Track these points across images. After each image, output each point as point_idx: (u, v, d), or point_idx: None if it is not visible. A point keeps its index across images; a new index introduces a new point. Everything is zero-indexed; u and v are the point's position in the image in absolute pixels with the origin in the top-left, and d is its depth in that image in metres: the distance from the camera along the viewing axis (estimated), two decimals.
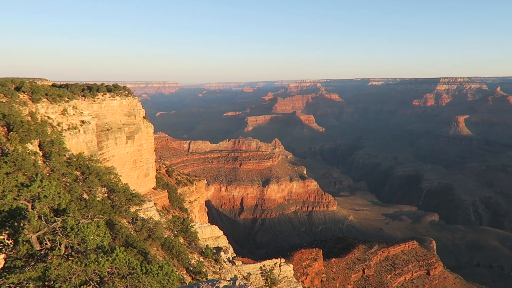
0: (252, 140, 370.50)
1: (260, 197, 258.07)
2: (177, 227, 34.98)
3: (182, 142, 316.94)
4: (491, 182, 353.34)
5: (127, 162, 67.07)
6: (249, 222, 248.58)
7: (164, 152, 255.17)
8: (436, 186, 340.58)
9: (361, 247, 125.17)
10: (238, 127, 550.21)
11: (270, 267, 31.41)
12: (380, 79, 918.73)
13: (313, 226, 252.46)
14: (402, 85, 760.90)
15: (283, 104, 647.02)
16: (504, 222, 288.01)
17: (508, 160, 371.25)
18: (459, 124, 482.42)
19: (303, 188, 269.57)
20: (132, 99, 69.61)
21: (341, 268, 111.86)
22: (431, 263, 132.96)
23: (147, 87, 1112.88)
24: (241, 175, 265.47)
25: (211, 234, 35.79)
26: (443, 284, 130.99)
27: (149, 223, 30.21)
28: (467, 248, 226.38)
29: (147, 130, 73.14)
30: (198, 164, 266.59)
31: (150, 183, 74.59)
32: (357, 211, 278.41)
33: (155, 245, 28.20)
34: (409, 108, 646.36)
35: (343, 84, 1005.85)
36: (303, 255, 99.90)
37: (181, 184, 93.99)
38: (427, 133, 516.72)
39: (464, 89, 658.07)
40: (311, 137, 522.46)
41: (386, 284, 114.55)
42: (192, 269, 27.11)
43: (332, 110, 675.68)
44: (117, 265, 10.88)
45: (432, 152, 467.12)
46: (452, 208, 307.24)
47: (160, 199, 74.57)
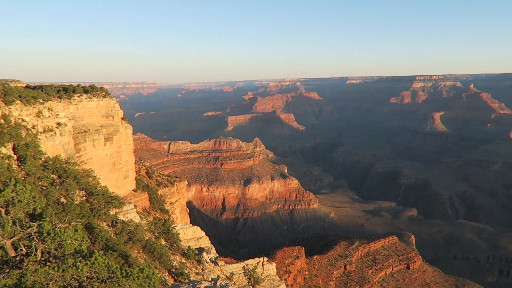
0: (233, 140, 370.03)
1: (241, 197, 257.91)
2: (158, 229, 34.54)
3: (162, 143, 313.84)
4: (466, 176, 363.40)
5: (105, 164, 65.87)
6: (231, 222, 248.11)
7: (143, 153, 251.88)
8: (414, 182, 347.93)
9: (343, 243, 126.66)
10: (219, 127, 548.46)
11: (253, 266, 31.39)
12: (358, 77, 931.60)
13: (295, 224, 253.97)
14: (379, 83, 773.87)
15: (263, 103, 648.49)
16: (479, 215, 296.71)
17: (482, 155, 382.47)
18: (435, 121, 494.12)
19: (285, 187, 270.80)
20: (109, 100, 68.41)
21: (323, 265, 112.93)
22: (410, 257, 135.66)
23: (125, 87, 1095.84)
24: (222, 175, 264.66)
25: (193, 235, 35.51)
26: (422, 278, 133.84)
27: (129, 225, 29.72)
28: (445, 241, 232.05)
29: (126, 131, 72.03)
30: (179, 165, 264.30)
31: (130, 185, 73.49)
32: (338, 208, 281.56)
33: (136, 248, 27.76)
34: (386, 105, 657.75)
35: (322, 83, 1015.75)
36: (285, 253, 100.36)
37: (161, 186, 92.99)
38: (405, 130, 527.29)
39: (439, 87, 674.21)
40: (292, 136, 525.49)
41: (368, 279, 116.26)
42: (174, 271, 26.82)
43: (311, 108, 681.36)
44: (96, 269, 10.64)
45: (410, 148, 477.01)
46: (430, 203, 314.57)
47: (140, 201, 73.60)
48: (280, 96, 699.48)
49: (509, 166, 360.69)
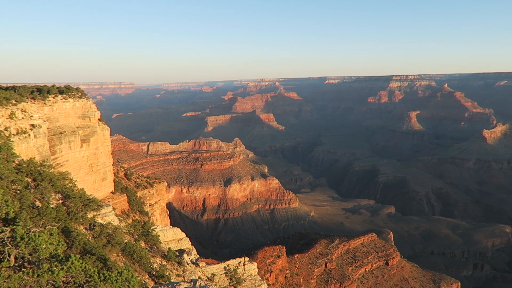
0: (213, 140, 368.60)
1: (222, 197, 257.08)
2: (137, 231, 34.02)
3: (140, 144, 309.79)
4: (442, 173, 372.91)
5: (82, 166, 64.49)
6: (212, 223, 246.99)
7: (122, 155, 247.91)
8: (392, 180, 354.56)
9: (323, 242, 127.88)
10: (198, 127, 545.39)
11: (234, 266, 31.30)
12: (337, 77, 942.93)
13: (275, 223, 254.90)
14: (357, 83, 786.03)
15: (243, 104, 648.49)
16: (454, 211, 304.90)
17: (456, 153, 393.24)
18: (411, 120, 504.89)
19: (265, 187, 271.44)
20: (86, 101, 66.99)
21: (304, 264, 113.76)
22: (389, 254, 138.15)
23: (101, 88, 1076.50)
24: (202, 176, 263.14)
25: (173, 237, 35.16)
26: (400, 273, 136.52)
27: (108, 228, 29.15)
28: (422, 237, 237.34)
29: (103, 132, 70.70)
30: (158, 166, 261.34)
31: (108, 187, 72.19)
32: (318, 207, 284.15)
33: (115, 251, 27.26)
34: (364, 105, 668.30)
35: (301, 83, 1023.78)
36: (266, 252, 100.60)
37: (140, 187, 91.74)
38: (382, 128, 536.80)
39: (415, 86, 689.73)
40: (272, 136, 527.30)
41: (348, 276, 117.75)
42: (155, 273, 26.47)
43: (291, 108, 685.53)
44: (73, 274, 10.36)
45: (387, 147, 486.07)
46: (407, 200, 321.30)
47: (119, 203, 72.40)
48: (260, 96, 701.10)
49: (482, 163, 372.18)
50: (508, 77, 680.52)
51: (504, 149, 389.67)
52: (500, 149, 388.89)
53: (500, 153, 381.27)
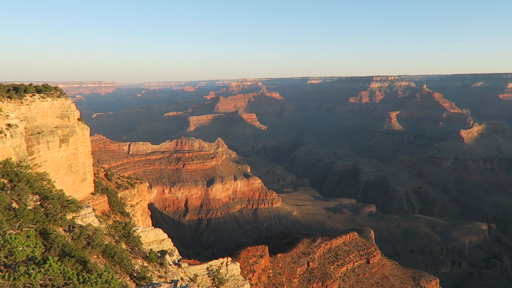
0: (195, 140, 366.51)
1: (205, 197, 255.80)
2: (118, 232, 33.46)
3: (121, 144, 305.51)
4: (421, 173, 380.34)
5: (61, 167, 63.13)
6: (194, 223, 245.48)
7: (102, 155, 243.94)
8: (373, 179, 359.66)
9: (305, 241, 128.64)
10: (180, 127, 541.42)
11: (217, 267, 31.15)
12: (319, 77, 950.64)
13: (258, 223, 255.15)
14: (339, 83, 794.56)
15: (225, 103, 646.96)
16: (433, 209, 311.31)
17: (435, 152, 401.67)
18: (392, 120, 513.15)
19: (248, 186, 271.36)
20: (65, 100, 65.59)
21: (287, 263, 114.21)
22: (370, 252, 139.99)
23: (81, 87, 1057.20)
24: (184, 176, 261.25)
25: (155, 238, 34.75)
26: (381, 271, 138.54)
27: (88, 230, 28.59)
28: (402, 235, 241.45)
29: (83, 132, 69.37)
30: (139, 167, 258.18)
31: (88, 188, 70.88)
32: (301, 207, 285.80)
33: (95, 253, 26.74)
34: (346, 105, 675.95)
35: (283, 83, 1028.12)
36: (249, 252, 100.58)
37: (121, 188, 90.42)
38: (363, 128, 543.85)
39: (395, 87, 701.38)
40: (254, 136, 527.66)
41: (330, 275, 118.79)
42: (136, 275, 26.08)
43: (273, 108, 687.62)
44: (51, 276, 10.09)
45: (368, 146, 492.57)
46: (388, 199, 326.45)
47: (99, 204, 71.18)
48: (242, 96, 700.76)
49: (460, 162, 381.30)
50: (484, 78, 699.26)
51: (480, 149, 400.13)
52: (477, 148, 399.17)
53: (476, 153, 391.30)
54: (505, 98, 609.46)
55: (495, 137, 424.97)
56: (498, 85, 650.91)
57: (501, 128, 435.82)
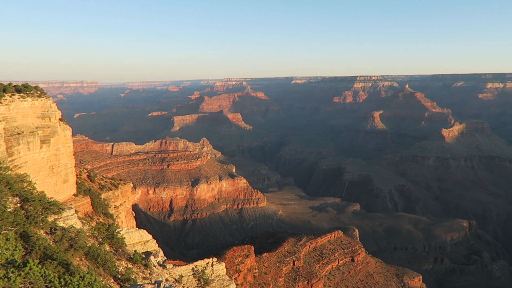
0: (180, 140, 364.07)
1: (190, 198, 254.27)
2: (102, 234, 32.95)
3: (104, 144, 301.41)
4: (404, 171, 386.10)
5: (42, 168, 61.83)
6: (179, 224, 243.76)
7: (85, 155, 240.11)
8: (357, 178, 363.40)
9: (291, 240, 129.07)
10: (165, 127, 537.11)
11: (202, 267, 30.95)
12: (303, 77, 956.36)
13: (244, 223, 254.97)
14: (323, 83, 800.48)
15: (210, 103, 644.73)
16: (415, 207, 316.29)
17: (417, 151, 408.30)
18: (375, 119, 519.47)
19: (233, 186, 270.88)
20: (45, 100, 64.25)
21: (273, 262, 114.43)
22: (355, 250, 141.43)
23: (62, 86, 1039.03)
24: (169, 176, 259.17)
25: (140, 239, 34.34)
26: (366, 269, 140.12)
27: (70, 232, 28.07)
28: (385, 233, 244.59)
29: (64, 133, 68.08)
30: (123, 167, 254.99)
31: (70, 190, 69.61)
32: (286, 206, 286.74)
33: (78, 255, 26.28)
34: (330, 105, 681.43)
35: (268, 83, 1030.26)
36: (235, 252, 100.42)
37: (105, 189, 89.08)
38: (347, 128, 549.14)
39: (378, 87, 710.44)
40: (239, 135, 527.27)
41: (315, 273, 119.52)
42: (120, 277, 25.71)
43: (258, 108, 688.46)
44: (31, 280, 9.84)
45: (352, 146, 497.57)
46: (371, 197, 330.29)
47: (82, 206, 70.00)
48: (227, 96, 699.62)
49: (441, 161, 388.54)
50: (465, 78, 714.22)
51: (461, 147, 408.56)
52: (458, 147, 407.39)
53: (457, 151, 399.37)
54: (484, 98, 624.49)
55: (475, 136, 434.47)
56: (478, 85, 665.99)
57: (480, 127, 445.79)
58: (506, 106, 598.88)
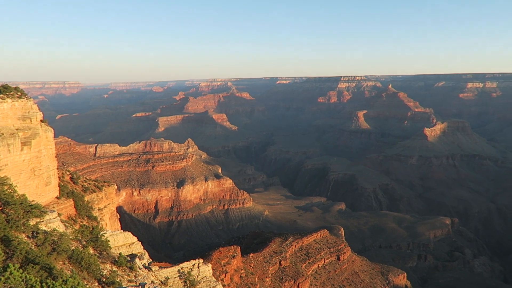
0: (164, 141, 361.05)
1: (175, 199, 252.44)
2: (85, 237, 32.46)
3: (87, 146, 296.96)
4: (388, 170, 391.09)
5: (23, 170, 60.54)
6: (165, 226, 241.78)
7: (67, 157, 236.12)
8: (342, 177, 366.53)
9: (277, 240, 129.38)
10: (149, 128, 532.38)
11: (188, 269, 30.79)
12: (288, 77, 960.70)
13: (230, 224, 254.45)
14: (308, 84, 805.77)
15: (195, 104, 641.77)
16: (399, 205, 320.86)
17: (401, 150, 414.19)
18: (359, 119, 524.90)
19: (219, 187, 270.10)
20: (26, 101, 62.93)
21: (259, 263, 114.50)
22: (340, 249, 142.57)
23: (44, 87, 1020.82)
24: (154, 178, 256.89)
25: (124, 241, 33.96)
26: (351, 267, 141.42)
27: (52, 235, 27.58)
28: (370, 232, 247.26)
29: (46, 134, 66.79)
30: (107, 169, 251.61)
31: (52, 192, 68.32)
32: (272, 206, 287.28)
33: (61, 259, 25.83)
34: (315, 105, 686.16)
35: (253, 83, 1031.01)
36: (221, 253, 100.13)
37: (88, 191, 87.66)
38: (332, 128, 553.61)
39: (362, 87, 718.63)
40: (225, 136, 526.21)
41: (302, 273, 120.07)
42: (105, 280, 25.38)
43: (243, 108, 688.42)
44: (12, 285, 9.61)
45: (337, 145, 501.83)
46: (356, 196, 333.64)
47: (65, 209, 68.77)
48: (212, 96, 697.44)
49: (424, 159, 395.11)
50: (446, 78, 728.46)
51: (443, 146, 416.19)
52: (440, 146, 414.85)
53: (439, 150, 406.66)
54: (465, 98, 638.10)
55: (456, 135, 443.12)
56: (459, 85, 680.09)
57: (461, 126, 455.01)
58: (486, 106, 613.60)
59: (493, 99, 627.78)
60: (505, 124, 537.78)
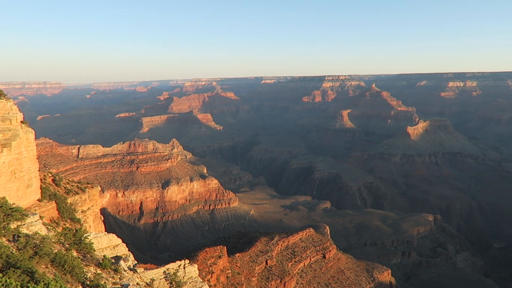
0: (149, 142, 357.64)
1: (160, 200, 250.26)
2: (69, 239, 31.92)
3: (70, 147, 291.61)
4: (372, 168, 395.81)
5: (4, 173, 59.21)
6: (150, 227, 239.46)
7: (49, 159, 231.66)
8: (327, 176, 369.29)
9: (263, 239, 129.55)
10: (133, 128, 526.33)
11: (174, 270, 30.59)
12: (272, 77, 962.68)
13: (216, 224, 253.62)
14: (292, 83, 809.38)
15: (180, 104, 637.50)
16: (383, 203, 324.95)
17: (384, 149, 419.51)
18: (343, 118, 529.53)
19: (204, 187, 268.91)
20: (5, 102, 61.54)
21: (245, 262, 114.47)
22: (326, 247, 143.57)
23: (24, 88, 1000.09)
24: (138, 179, 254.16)
25: (109, 243, 33.54)
26: (337, 265, 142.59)
27: (34, 239, 27.06)
28: (355, 229, 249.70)
29: (27, 136, 65.44)
30: (90, 170, 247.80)
31: (34, 195, 66.98)
32: (258, 205, 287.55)
33: (44, 263, 25.35)
34: (299, 104, 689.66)
35: (238, 83, 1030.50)
36: (207, 253, 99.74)
37: (71, 193, 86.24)
38: (317, 127, 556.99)
39: (346, 86, 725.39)
40: (210, 136, 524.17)
41: (288, 272, 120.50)
42: (89, 283, 25.02)
43: (228, 108, 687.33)
44: None
45: (322, 144, 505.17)
46: (341, 195, 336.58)
47: (47, 211, 67.49)
48: (197, 96, 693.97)
49: (407, 157, 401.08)
50: (428, 78, 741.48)
51: (425, 144, 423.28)
52: (422, 144, 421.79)
53: (422, 148, 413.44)
54: (446, 96, 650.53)
55: (438, 133, 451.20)
56: (440, 84, 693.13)
57: (443, 124, 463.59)
58: (466, 104, 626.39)
59: (473, 98, 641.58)
60: (485, 122, 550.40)
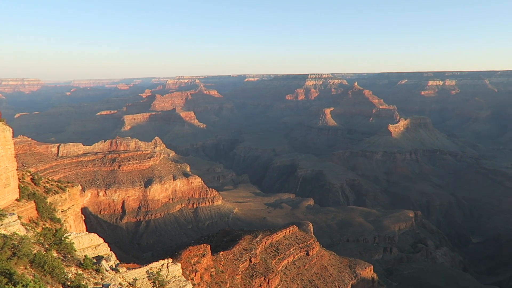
0: (131, 140, 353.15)
1: (143, 199, 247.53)
2: (48, 240, 31.26)
3: (49, 145, 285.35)
4: (354, 166, 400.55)
5: None
6: (132, 226, 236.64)
7: (28, 158, 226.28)
8: (310, 174, 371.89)
9: (247, 237, 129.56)
10: (115, 126, 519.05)
11: (157, 269, 30.28)
12: (256, 75, 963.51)
13: (199, 222, 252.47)
14: (276, 81, 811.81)
15: (162, 101, 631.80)
16: (366, 200, 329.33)
17: (366, 146, 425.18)
18: (326, 116, 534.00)
19: (188, 186, 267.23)
20: None
21: (229, 260, 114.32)
22: (309, 244, 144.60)
23: (1, 85, 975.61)
24: (120, 177, 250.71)
25: (90, 243, 32.98)
26: (320, 262, 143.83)
27: (12, 239, 26.42)
28: (338, 226, 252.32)
29: (4, 134, 63.69)
30: (70, 169, 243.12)
31: (12, 195, 65.28)
32: (241, 203, 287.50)
33: (23, 263, 24.77)
34: (283, 102, 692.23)
35: (221, 80, 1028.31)
36: (191, 252, 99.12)
37: (51, 192, 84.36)
38: (300, 125, 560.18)
39: (329, 84, 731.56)
40: (193, 134, 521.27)
41: (272, 269, 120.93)
42: (70, 284, 24.56)
43: (212, 106, 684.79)
44: None
45: (305, 142, 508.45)
46: (324, 192, 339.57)
47: (25, 211, 65.89)
48: (180, 94, 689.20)
49: (388, 155, 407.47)
50: (408, 76, 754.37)
51: (406, 142, 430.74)
52: (403, 141, 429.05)
53: (403, 146, 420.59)
54: (426, 95, 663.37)
55: (418, 131, 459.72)
56: (420, 82, 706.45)
57: (423, 122, 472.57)
58: (446, 103, 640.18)
59: (452, 96, 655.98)
60: (463, 120, 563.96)
